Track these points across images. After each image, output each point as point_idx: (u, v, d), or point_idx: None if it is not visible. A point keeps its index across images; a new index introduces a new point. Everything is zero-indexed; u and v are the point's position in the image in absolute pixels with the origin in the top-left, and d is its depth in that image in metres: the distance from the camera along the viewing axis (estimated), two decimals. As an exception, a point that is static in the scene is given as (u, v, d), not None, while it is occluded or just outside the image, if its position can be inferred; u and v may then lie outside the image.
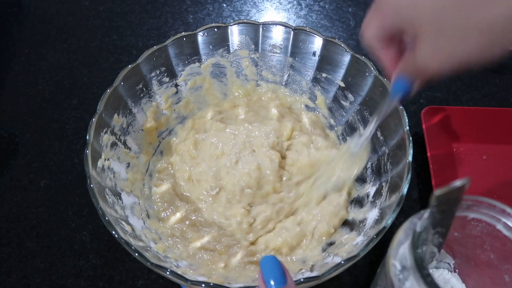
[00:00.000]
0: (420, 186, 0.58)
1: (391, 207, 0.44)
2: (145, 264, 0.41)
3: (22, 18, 0.77)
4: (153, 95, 0.57)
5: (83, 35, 0.74)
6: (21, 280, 0.52)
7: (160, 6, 0.78)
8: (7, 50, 0.73)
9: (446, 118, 0.61)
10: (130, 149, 0.55)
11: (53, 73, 0.70)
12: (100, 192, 0.45)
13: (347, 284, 0.52)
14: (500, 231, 0.36)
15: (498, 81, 0.68)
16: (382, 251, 0.39)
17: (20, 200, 0.58)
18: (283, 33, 0.58)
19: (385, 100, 0.44)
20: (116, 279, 0.52)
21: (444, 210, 0.33)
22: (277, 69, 0.60)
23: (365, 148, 0.52)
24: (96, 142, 0.48)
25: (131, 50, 0.72)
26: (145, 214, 0.52)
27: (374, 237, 0.42)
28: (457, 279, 0.44)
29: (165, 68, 0.57)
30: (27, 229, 0.56)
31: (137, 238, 0.46)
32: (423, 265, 0.32)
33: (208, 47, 0.58)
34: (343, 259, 0.41)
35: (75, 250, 0.54)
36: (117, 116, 0.53)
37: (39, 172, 0.60)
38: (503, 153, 0.59)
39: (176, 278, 0.40)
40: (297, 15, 0.76)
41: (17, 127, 0.64)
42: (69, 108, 0.66)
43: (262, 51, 0.59)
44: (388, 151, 0.51)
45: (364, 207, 0.51)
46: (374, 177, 0.52)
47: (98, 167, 0.48)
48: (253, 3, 0.78)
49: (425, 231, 0.33)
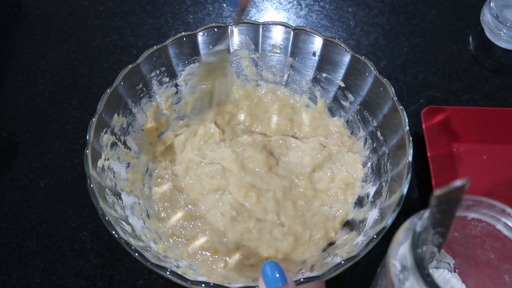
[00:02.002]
0: (420, 186, 0.58)
1: (391, 207, 0.44)
2: (145, 264, 0.41)
3: (22, 18, 0.77)
4: (153, 95, 0.57)
5: (83, 35, 0.74)
6: (21, 280, 0.52)
7: (160, 6, 0.78)
8: (7, 50, 0.73)
9: (446, 118, 0.61)
10: (130, 149, 0.55)
11: (53, 73, 0.70)
12: (100, 192, 0.45)
13: (347, 284, 0.52)
14: (500, 231, 0.36)
15: (498, 81, 0.68)
16: (382, 251, 0.39)
17: (20, 200, 0.58)
18: (283, 33, 0.58)
19: None
20: (116, 279, 0.52)
21: (444, 210, 0.32)
22: (277, 69, 0.60)
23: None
24: (96, 142, 0.48)
25: (131, 50, 0.72)
26: (145, 214, 0.52)
27: (374, 237, 0.42)
28: (457, 279, 0.44)
29: (165, 68, 0.57)
30: (27, 229, 0.56)
31: (137, 238, 0.46)
32: (423, 265, 0.32)
33: (208, 47, 0.58)
34: (343, 259, 0.41)
35: (75, 250, 0.54)
36: (117, 116, 0.53)
37: (39, 172, 0.60)
38: (503, 153, 0.59)
39: (176, 278, 0.40)
40: (297, 15, 0.76)
41: (17, 127, 0.64)
42: (69, 108, 0.66)
43: (262, 51, 0.59)
44: (388, 151, 0.51)
45: (364, 207, 0.51)
46: (374, 177, 0.52)
47: (98, 167, 0.48)
48: (253, 3, 0.78)
49: (425, 231, 0.33)
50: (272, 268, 0.36)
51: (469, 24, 0.74)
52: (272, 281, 0.36)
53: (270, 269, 0.36)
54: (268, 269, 0.36)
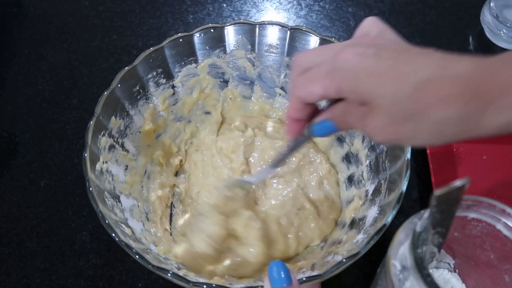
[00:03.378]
0: (420, 186, 0.58)
1: (391, 205, 0.44)
2: (147, 267, 0.41)
3: (22, 18, 0.77)
4: (150, 96, 0.56)
5: (83, 35, 0.74)
6: (21, 280, 0.52)
7: (160, 6, 0.78)
8: (7, 50, 0.73)
9: (446, 118, 0.60)
10: (128, 151, 0.54)
11: (53, 73, 0.70)
12: (99, 195, 0.45)
13: (347, 284, 0.52)
14: (500, 231, 0.36)
15: (498, 81, 0.68)
16: (382, 250, 0.39)
17: (20, 200, 0.58)
18: (280, 33, 0.57)
19: (301, 137, 0.42)
20: (116, 279, 0.52)
21: (444, 210, 0.33)
22: (274, 68, 0.60)
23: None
24: (94, 145, 0.48)
25: (131, 50, 0.72)
26: (144, 216, 0.52)
27: (375, 235, 0.42)
28: (457, 279, 0.44)
29: (161, 69, 0.56)
30: (27, 229, 0.56)
31: (137, 240, 0.46)
32: (423, 265, 0.32)
33: (205, 48, 0.58)
34: (344, 257, 0.41)
35: (75, 250, 0.54)
36: (115, 119, 0.52)
37: (39, 172, 0.60)
38: (503, 153, 0.59)
39: (178, 279, 0.40)
40: (297, 15, 0.76)
41: (17, 127, 0.64)
42: (69, 108, 0.66)
43: (258, 51, 0.59)
44: (386, 148, 0.51)
45: (363, 205, 0.51)
46: (373, 175, 0.52)
47: (96, 170, 0.47)
48: (253, 3, 0.78)
49: (425, 231, 0.33)
50: (278, 268, 0.36)
51: (469, 24, 0.74)
52: (277, 281, 0.36)
53: (277, 269, 0.36)
54: (275, 269, 0.36)
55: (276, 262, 0.37)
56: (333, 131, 0.38)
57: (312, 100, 0.36)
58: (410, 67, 0.31)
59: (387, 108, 0.32)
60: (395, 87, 0.31)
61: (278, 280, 0.36)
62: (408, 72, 0.31)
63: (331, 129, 0.38)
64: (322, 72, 0.34)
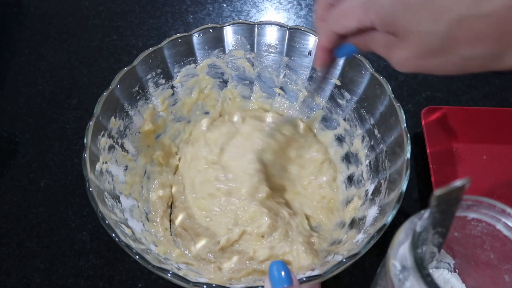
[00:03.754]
0: (420, 186, 0.58)
1: (391, 204, 0.44)
2: (147, 267, 0.41)
3: (22, 18, 0.77)
4: (150, 97, 0.57)
5: (83, 35, 0.74)
6: (21, 280, 0.52)
7: (160, 6, 0.78)
8: (7, 50, 0.73)
9: (446, 118, 0.61)
10: (128, 151, 0.54)
11: (53, 73, 0.70)
12: (99, 195, 0.45)
13: (347, 284, 0.52)
14: (500, 231, 0.36)
15: (498, 81, 0.68)
16: (382, 251, 0.39)
17: (20, 200, 0.58)
18: (278, 33, 0.57)
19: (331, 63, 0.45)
20: (116, 279, 0.52)
21: (444, 210, 0.32)
22: (273, 68, 0.60)
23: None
24: (94, 146, 0.48)
25: (131, 50, 0.72)
26: (144, 216, 0.52)
27: (375, 235, 0.42)
28: (457, 279, 0.44)
29: (161, 70, 0.56)
30: (27, 229, 0.56)
31: (137, 241, 0.46)
32: (423, 265, 0.32)
33: (204, 48, 0.58)
34: (344, 257, 0.41)
35: (75, 250, 0.54)
36: (114, 119, 0.52)
37: (39, 172, 0.60)
38: (503, 153, 0.59)
39: (178, 280, 0.40)
40: (297, 15, 0.76)
41: (17, 127, 0.64)
42: (69, 108, 0.66)
43: (257, 51, 0.59)
44: (386, 148, 0.51)
45: (363, 204, 0.51)
46: (373, 174, 0.52)
47: (96, 170, 0.47)
48: (253, 3, 0.78)
49: (425, 231, 0.33)
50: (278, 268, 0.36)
51: None
52: (278, 282, 0.36)
53: (277, 269, 0.36)
54: (275, 269, 0.36)
55: (276, 262, 0.37)
56: (354, 52, 0.41)
57: (345, 32, 0.38)
58: (445, 4, 0.32)
59: (418, 43, 0.33)
60: (430, 26, 0.32)
61: (279, 280, 0.36)
62: (443, 10, 0.32)
63: (353, 50, 0.40)
64: (356, 5, 0.36)
